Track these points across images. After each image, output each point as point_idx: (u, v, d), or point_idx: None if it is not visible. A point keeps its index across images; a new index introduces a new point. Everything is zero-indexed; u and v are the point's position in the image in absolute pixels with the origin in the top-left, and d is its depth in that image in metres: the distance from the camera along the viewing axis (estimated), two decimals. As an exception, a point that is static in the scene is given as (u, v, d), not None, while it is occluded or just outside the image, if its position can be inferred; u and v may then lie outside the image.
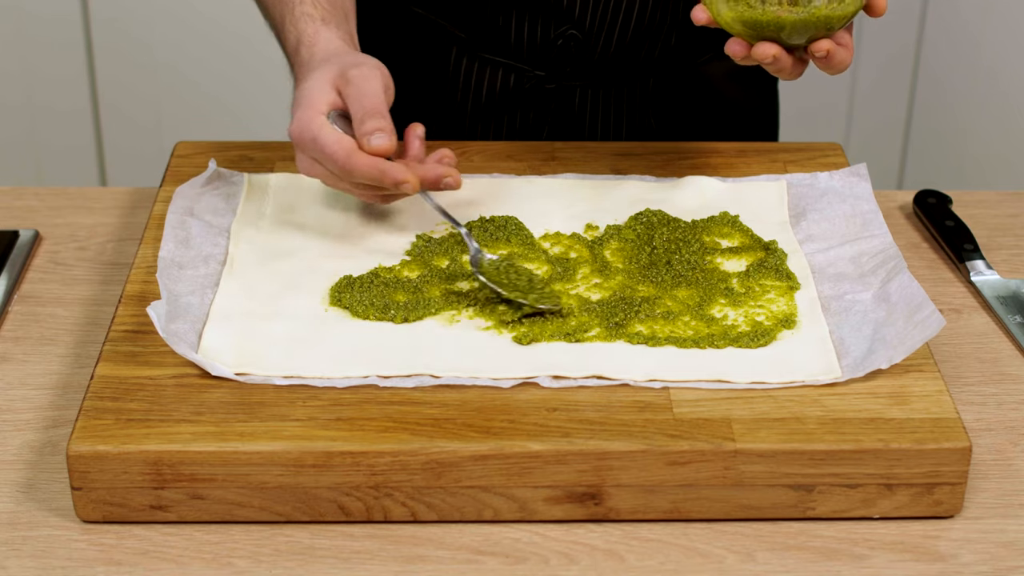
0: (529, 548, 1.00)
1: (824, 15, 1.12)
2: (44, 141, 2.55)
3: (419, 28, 1.42)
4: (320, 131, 1.14)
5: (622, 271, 1.18)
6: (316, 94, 1.16)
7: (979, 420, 1.11)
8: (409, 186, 1.14)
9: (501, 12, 1.37)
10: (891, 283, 1.13)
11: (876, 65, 2.54)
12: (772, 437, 1.00)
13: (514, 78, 1.42)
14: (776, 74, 1.17)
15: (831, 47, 1.14)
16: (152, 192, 1.38)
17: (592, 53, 1.39)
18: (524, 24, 1.36)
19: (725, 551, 1.00)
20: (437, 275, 1.17)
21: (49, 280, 1.26)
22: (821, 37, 1.14)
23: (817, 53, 1.14)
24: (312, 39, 1.23)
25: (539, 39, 1.38)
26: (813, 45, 1.14)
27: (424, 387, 1.05)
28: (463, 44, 1.41)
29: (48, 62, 2.49)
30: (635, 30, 1.38)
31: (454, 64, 1.42)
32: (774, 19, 1.12)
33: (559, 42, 1.37)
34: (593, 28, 1.37)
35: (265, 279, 1.16)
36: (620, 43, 1.39)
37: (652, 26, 1.38)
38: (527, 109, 1.43)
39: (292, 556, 0.99)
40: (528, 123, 1.44)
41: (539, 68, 1.40)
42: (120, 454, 0.99)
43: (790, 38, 1.14)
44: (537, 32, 1.37)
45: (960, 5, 2.47)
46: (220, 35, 2.49)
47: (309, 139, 1.15)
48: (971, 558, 0.99)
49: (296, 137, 1.16)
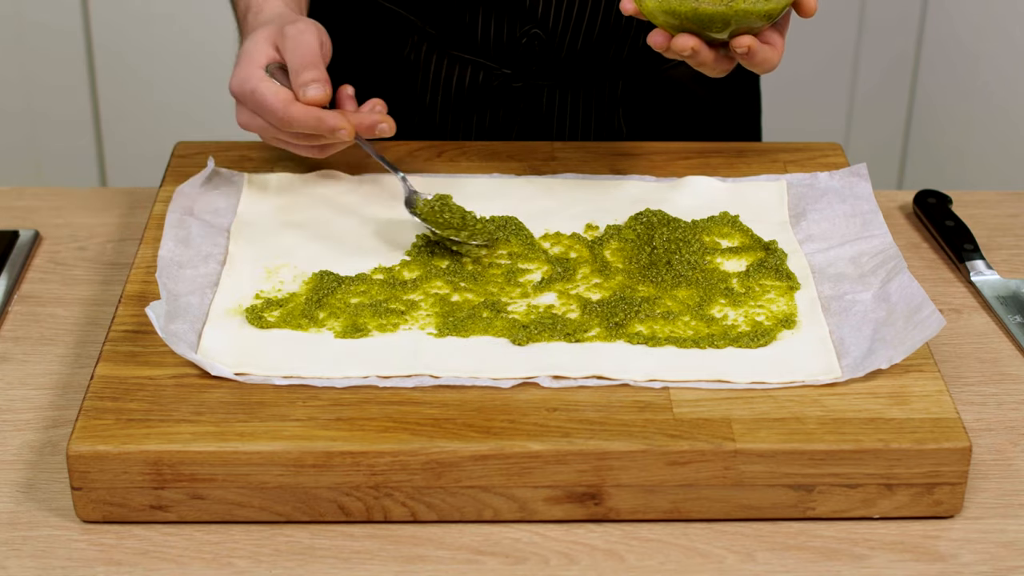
0: (529, 548, 1.00)
1: (743, 9, 1.11)
2: (44, 141, 2.55)
3: (387, 23, 1.43)
4: (258, 84, 1.18)
5: (622, 271, 1.18)
6: (254, 50, 1.21)
7: (979, 420, 1.11)
8: (345, 132, 1.17)
9: (468, 9, 1.37)
10: (891, 283, 1.13)
11: (876, 65, 2.54)
12: (772, 437, 1.00)
13: (482, 75, 1.42)
14: (698, 68, 1.17)
15: (753, 44, 1.13)
16: (152, 192, 1.38)
17: (558, 52, 1.39)
18: (491, 21, 1.37)
19: (725, 551, 1.00)
20: (437, 275, 1.17)
21: (49, 280, 1.26)
22: (743, 33, 1.14)
23: (738, 49, 1.14)
24: (259, 6, 1.28)
25: (504, 37, 1.38)
26: (734, 41, 1.14)
27: (424, 387, 1.05)
28: (432, 40, 1.42)
29: (48, 63, 2.49)
30: (601, 31, 1.38)
31: (424, 60, 1.43)
32: (693, 11, 1.12)
33: (523, 40, 1.38)
34: (557, 28, 1.37)
35: (265, 279, 1.16)
36: (586, 43, 1.39)
37: (618, 27, 1.38)
38: (496, 107, 1.43)
39: (292, 556, 0.99)
40: (498, 121, 1.44)
41: (505, 66, 1.40)
42: (120, 454, 0.99)
43: (711, 31, 1.13)
44: (503, 30, 1.37)
45: (960, 6, 2.47)
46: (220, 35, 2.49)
47: (248, 92, 1.19)
48: (971, 558, 0.99)
49: (236, 91, 1.20)
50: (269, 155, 1.34)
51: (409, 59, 1.43)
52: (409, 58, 1.43)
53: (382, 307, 1.13)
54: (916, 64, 2.54)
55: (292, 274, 1.17)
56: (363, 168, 1.32)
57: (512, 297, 1.15)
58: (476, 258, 1.18)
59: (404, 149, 1.36)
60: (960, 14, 2.47)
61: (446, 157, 1.34)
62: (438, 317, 1.12)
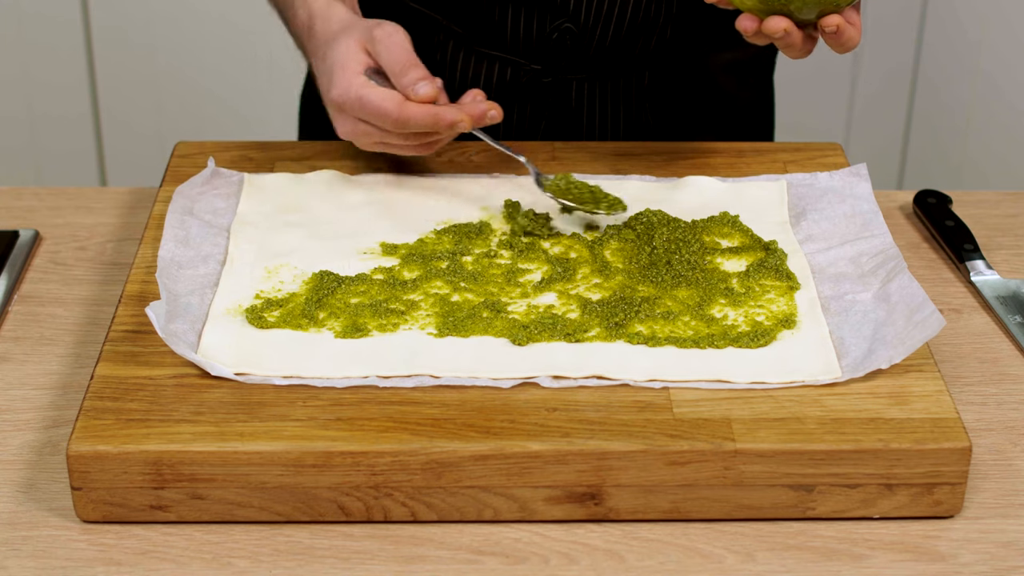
0: (529, 548, 1.00)
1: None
2: (44, 141, 2.55)
3: (415, 22, 1.42)
4: (364, 90, 1.18)
5: (622, 271, 1.18)
6: (348, 58, 1.21)
7: (979, 420, 1.11)
8: (464, 124, 1.19)
9: (497, 6, 1.37)
10: (891, 283, 1.13)
11: (876, 65, 2.54)
12: (772, 437, 1.00)
13: (510, 72, 1.42)
14: (785, 50, 1.18)
15: (841, 22, 1.16)
16: (152, 192, 1.38)
17: (588, 46, 1.39)
18: (520, 18, 1.37)
19: (725, 551, 1.00)
20: (437, 275, 1.17)
21: (49, 280, 1.26)
22: (830, 12, 1.15)
23: (827, 28, 1.16)
24: (325, 13, 1.27)
25: (535, 33, 1.38)
26: (823, 20, 1.16)
27: (424, 387, 1.05)
28: (459, 39, 1.42)
29: (48, 63, 2.49)
30: (630, 23, 1.38)
31: (451, 59, 1.43)
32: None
33: (554, 36, 1.38)
34: (588, 22, 1.37)
35: (265, 279, 1.16)
36: (616, 36, 1.39)
37: (647, 19, 1.39)
38: (524, 103, 1.44)
39: (292, 556, 0.99)
40: (525, 117, 1.44)
41: (535, 62, 1.41)
42: (120, 454, 0.99)
43: (800, 12, 1.15)
44: (533, 26, 1.38)
45: (960, 6, 2.47)
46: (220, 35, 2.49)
47: (355, 99, 1.19)
48: (971, 558, 0.99)
49: (340, 101, 1.20)
50: (269, 155, 1.34)
51: (435, 58, 1.42)
52: (435, 57, 1.42)
53: (382, 307, 1.13)
54: (916, 64, 2.54)
55: (292, 274, 1.17)
56: (363, 168, 1.32)
57: (512, 297, 1.15)
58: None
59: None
60: (960, 14, 2.47)
61: (446, 157, 1.34)
62: (438, 317, 1.12)
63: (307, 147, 1.36)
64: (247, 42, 2.49)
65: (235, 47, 2.50)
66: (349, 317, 1.12)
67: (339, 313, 1.12)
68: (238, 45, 2.49)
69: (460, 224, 1.24)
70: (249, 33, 2.49)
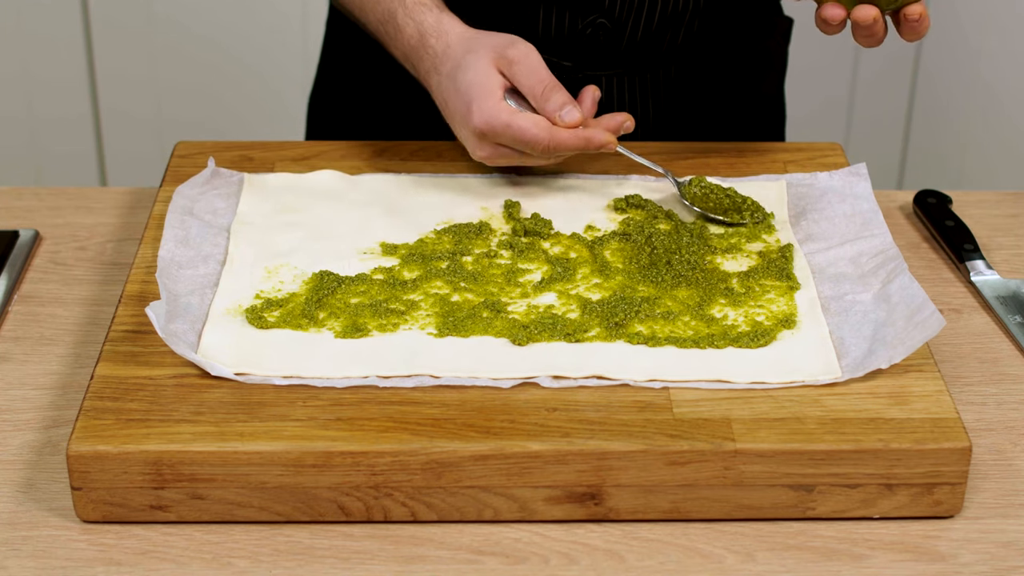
0: (529, 548, 1.00)
1: None
2: (44, 142, 2.55)
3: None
4: (512, 117, 1.19)
5: (622, 271, 1.18)
6: (487, 82, 1.20)
7: (979, 420, 1.11)
8: (612, 145, 1.22)
9: (530, 4, 1.37)
10: (891, 283, 1.13)
11: (876, 65, 2.54)
12: (772, 437, 1.00)
13: None
14: (866, 39, 1.20)
15: (924, 11, 1.18)
16: (152, 192, 1.38)
17: (620, 41, 1.39)
18: (552, 15, 1.37)
19: (725, 551, 1.00)
20: (437, 275, 1.17)
21: (49, 280, 1.26)
22: (913, 1, 1.17)
23: (911, 16, 1.18)
24: (438, 28, 1.26)
25: (567, 29, 1.38)
26: (908, 9, 1.18)
27: (424, 387, 1.05)
28: None
29: (48, 63, 2.49)
30: (660, 16, 1.38)
31: None
32: None
33: (588, 31, 1.38)
34: (621, 16, 1.37)
35: (265, 279, 1.17)
36: (647, 30, 1.39)
37: (676, 12, 1.39)
38: None
39: (292, 556, 0.99)
40: None
41: (566, 59, 1.40)
42: (120, 454, 0.99)
43: (886, 3, 1.17)
44: (565, 21, 1.37)
45: (960, 6, 2.47)
46: (220, 35, 2.49)
47: (502, 127, 1.19)
48: (971, 558, 0.99)
49: (486, 128, 1.20)
50: (269, 155, 1.34)
51: None
52: None
53: (382, 307, 1.13)
54: (916, 64, 2.54)
55: (292, 274, 1.17)
56: (363, 168, 1.32)
57: (512, 297, 1.15)
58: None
59: (406, 150, 1.36)
60: (960, 14, 2.47)
61: (447, 157, 1.34)
62: (438, 317, 1.12)
63: (307, 147, 1.36)
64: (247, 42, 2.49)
65: (235, 47, 2.50)
66: (349, 317, 1.12)
67: (339, 313, 1.12)
68: (238, 45, 2.49)
69: (460, 224, 1.24)
70: (249, 33, 2.49)
